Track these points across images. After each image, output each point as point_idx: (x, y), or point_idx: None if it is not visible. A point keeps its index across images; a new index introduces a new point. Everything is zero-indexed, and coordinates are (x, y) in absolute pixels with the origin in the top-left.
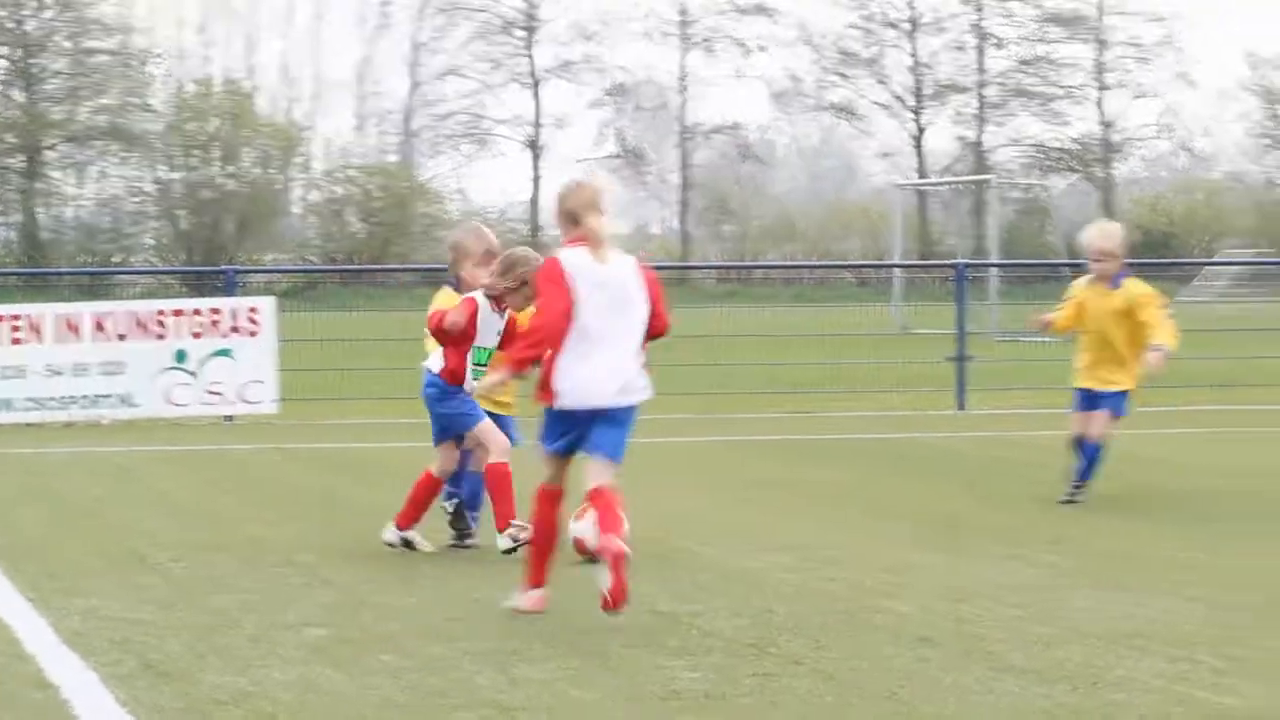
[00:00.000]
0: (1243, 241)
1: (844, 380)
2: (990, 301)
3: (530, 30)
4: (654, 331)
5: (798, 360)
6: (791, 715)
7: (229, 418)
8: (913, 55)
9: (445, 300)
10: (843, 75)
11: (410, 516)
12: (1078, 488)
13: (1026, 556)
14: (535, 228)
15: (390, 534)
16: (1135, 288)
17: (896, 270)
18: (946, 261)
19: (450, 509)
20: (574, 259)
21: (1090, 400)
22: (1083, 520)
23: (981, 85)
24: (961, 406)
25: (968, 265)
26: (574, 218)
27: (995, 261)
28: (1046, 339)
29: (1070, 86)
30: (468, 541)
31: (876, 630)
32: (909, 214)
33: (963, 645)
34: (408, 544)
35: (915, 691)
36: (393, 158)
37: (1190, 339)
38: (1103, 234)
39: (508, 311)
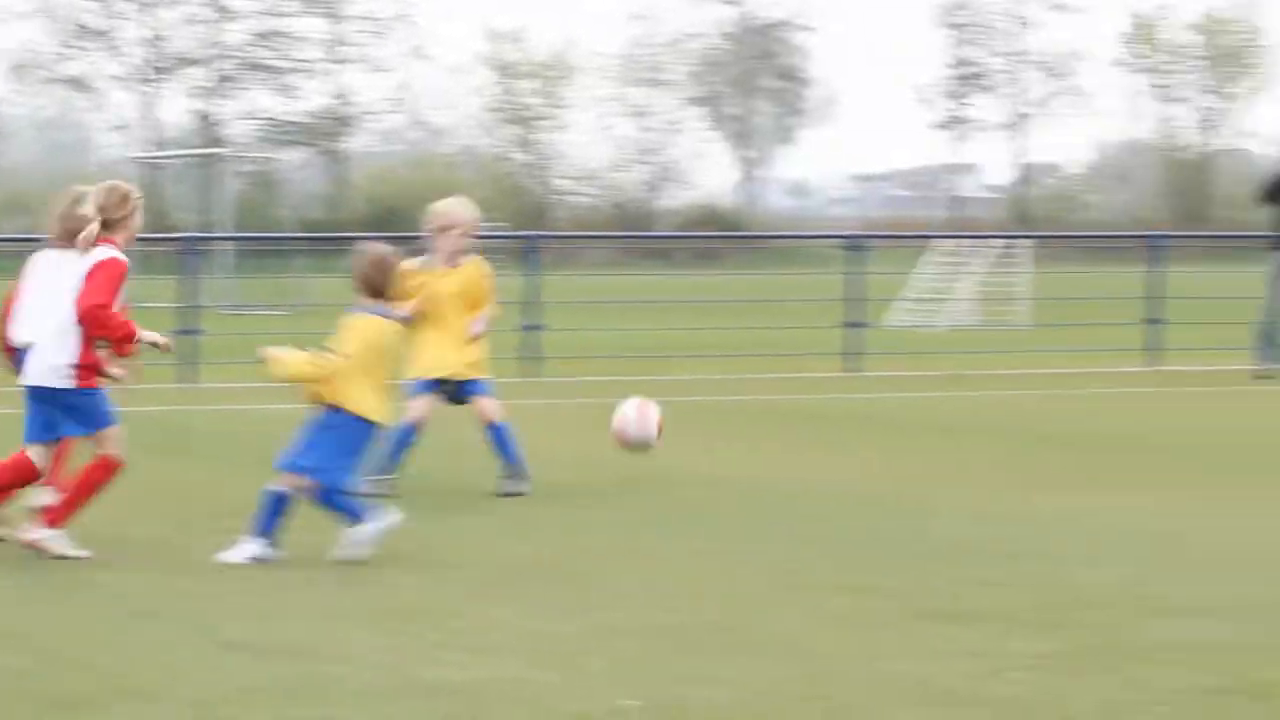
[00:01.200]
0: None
1: None
2: (221, 275)
3: None
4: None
5: None
6: None
7: None
8: (150, 28)
9: None
10: (79, 48)
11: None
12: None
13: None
14: None
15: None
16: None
17: None
18: (174, 235)
19: None
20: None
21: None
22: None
23: (215, 58)
24: (193, 380)
25: (197, 239)
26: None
27: (224, 235)
28: (279, 311)
29: (303, 60)
30: None
31: (92, 603)
32: (144, 187)
33: (183, 618)
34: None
35: (127, 662)
36: None
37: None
38: (458, 204)
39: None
